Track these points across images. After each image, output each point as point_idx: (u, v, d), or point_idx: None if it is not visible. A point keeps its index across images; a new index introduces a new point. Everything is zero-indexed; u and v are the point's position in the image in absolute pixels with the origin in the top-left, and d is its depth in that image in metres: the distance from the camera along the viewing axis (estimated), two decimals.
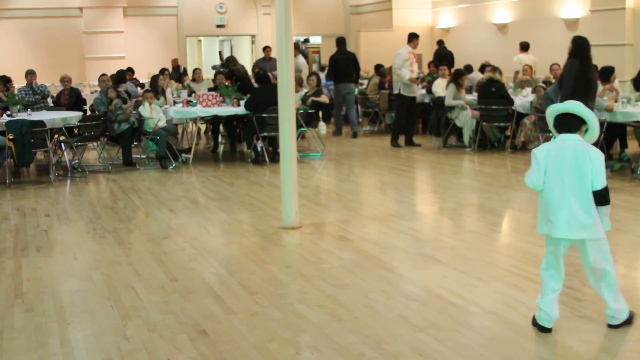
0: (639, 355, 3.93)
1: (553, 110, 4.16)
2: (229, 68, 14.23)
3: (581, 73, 8.28)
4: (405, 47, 12.12)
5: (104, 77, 11.26)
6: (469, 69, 14.14)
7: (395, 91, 12.14)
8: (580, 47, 8.38)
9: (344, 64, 13.60)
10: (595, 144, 9.32)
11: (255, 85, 12.07)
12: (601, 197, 4.02)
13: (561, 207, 4.00)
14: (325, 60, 19.54)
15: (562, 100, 9.12)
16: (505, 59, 15.34)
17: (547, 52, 14.64)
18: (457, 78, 11.66)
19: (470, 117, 11.47)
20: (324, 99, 12.22)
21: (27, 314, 4.73)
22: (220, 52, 17.05)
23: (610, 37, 13.11)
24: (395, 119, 12.51)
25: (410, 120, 12.41)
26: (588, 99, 8.04)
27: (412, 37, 12.15)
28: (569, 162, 4.00)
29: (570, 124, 4.09)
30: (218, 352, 4.06)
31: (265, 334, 4.29)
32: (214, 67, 15.00)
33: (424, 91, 13.52)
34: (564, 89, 8.42)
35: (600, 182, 4.00)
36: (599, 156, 3.99)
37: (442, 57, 15.35)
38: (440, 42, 16.97)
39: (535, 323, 4.24)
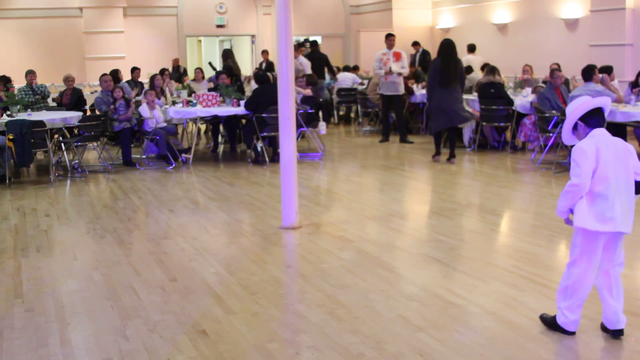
0: (639, 355, 3.93)
1: (587, 106, 4.04)
2: (227, 61, 14.25)
3: (442, 69, 10.09)
4: (381, 50, 12.80)
5: (106, 77, 11.24)
6: (469, 69, 14.15)
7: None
8: (441, 47, 10.29)
9: (317, 64, 14.86)
10: None
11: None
12: None
13: (615, 201, 3.95)
14: None
15: (428, 93, 10.47)
16: (505, 59, 15.35)
17: (547, 52, 14.65)
18: None
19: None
20: (307, 92, 12.26)
21: (27, 314, 4.73)
22: (210, 63, 17.09)
23: (610, 37, 13.12)
24: (382, 116, 13.18)
25: (398, 118, 12.84)
26: (451, 88, 10.06)
27: (385, 38, 12.82)
28: (615, 154, 3.97)
29: (603, 118, 4.09)
30: (218, 352, 4.06)
31: (265, 334, 4.29)
32: (209, 79, 14.92)
33: (424, 91, 13.52)
34: (427, 82, 10.63)
35: None
36: (632, 147, 4.07)
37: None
38: (416, 43, 17.39)
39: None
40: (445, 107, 10.14)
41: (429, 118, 10.88)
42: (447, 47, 10.25)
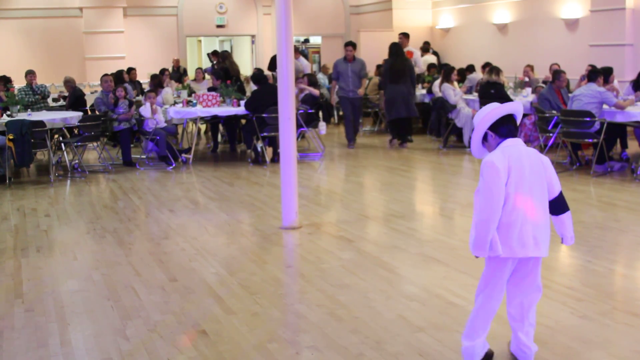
0: (639, 355, 3.93)
1: (496, 113, 3.57)
2: (224, 62, 14.28)
3: (392, 67, 11.71)
4: None
5: (106, 78, 11.21)
6: (471, 68, 14.17)
7: None
8: (391, 49, 11.87)
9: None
10: (595, 145, 9.49)
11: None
12: (562, 202, 3.64)
13: (526, 223, 3.49)
14: (325, 60, 19.54)
15: (384, 88, 11.88)
16: (505, 59, 15.34)
17: (547, 52, 14.64)
18: (448, 76, 12.04)
19: (470, 117, 11.48)
20: (315, 91, 12.33)
21: (27, 314, 4.73)
22: (209, 55, 17.16)
23: (610, 37, 13.11)
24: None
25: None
26: (400, 84, 11.64)
27: (399, 37, 13.20)
28: (529, 170, 3.50)
29: (515, 126, 3.62)
30: (218, 352, 4.06)
31: (265, 334, 4.29)
32: (205, 70, 14.97)
33: (424, 91, 13.54)
34: (381, 79, 12.23)
35: (558, 186, 3.63)
36: (548, 159, 3.63)
37: None
38: (427, 44, 17.56)
39: None
40: (396, 100, 11.66)
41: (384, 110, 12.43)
42: (396, 50, 11.86)
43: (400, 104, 11.66)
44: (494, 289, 3.64)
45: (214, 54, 16.61)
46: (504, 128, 3.57)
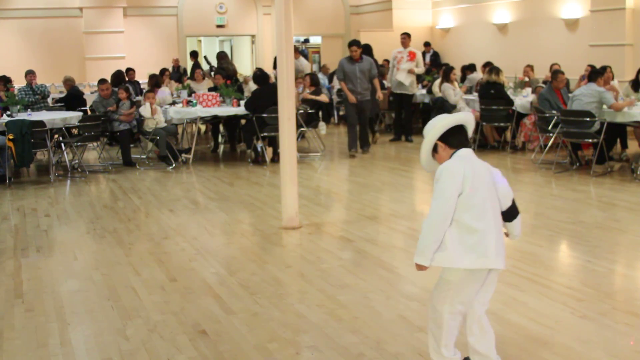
0: (639, 355, 3.93)
1: (445, 123, 3.47)
2: (221, 63, 14.32)
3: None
4: (397, 49, 12.91)
5: (103, 86, 11.05)
6: (472, 67, 14.17)
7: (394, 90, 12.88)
8: (364, 50, 11.59)
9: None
10: (595, 145, 9.48)
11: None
12: (515, 208, 3.56)
13: (489, 233, 3.36)
14: (325, 60, 19.55)
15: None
16: (505, 59, 15.35)
17: (547, 52, 14.65)
18: (447, 76, 12.11)
19: None
20: (323, 98, 12.36)
21: (27, 314, 4.73)
22: (205, 57, 17.17)
23: (610, 37, 13.11)
24: (395, 116, 13.22)
25: (406, 116, 12.90)
26: (372, 83, 11.54)
27: (401, 37, 12.98)
28: (487, 180, 3.42)
29: (467, 137, 3.52)
30: (218, 352, 4.05)
31: (265, 334, 4.29)
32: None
33: (424, 91, 13.54)
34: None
35: (511, 195, 3.54)
36: (498, 171, 3.54)
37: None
38: (427, 44, 17.60)
39: None
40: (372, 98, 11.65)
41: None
42: (368, 51, 11.99)
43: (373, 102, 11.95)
44: (465, 299, 3.50)
45: (192, 55, 16.70)
46: (455, 139, 3.47)
